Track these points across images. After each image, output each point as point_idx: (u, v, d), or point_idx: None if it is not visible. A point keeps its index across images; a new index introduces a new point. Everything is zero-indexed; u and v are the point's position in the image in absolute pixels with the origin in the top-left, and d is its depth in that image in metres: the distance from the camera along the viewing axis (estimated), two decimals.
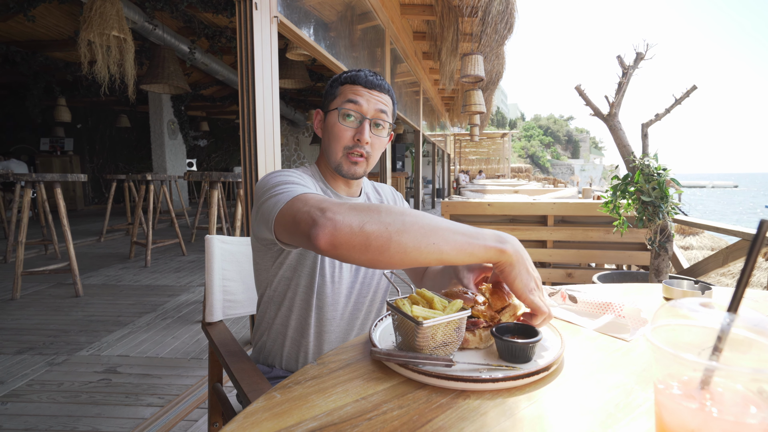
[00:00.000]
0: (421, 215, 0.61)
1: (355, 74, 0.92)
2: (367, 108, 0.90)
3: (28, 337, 2.47)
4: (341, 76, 0.94)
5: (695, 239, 5.92)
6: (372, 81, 0.92)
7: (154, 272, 4.05)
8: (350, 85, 0.91)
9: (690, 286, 0.89)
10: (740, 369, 0.34)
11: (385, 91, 0.93)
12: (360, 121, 0.91)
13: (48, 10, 4.80)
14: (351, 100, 0.89)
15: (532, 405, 0.49)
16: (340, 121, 0.90)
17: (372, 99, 0.91)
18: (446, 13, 4.18)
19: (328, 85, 0.96)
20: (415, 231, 0.59)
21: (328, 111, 0.93)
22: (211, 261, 1.07)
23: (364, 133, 0.89)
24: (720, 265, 2.37)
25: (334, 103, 0.92)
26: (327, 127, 0.93)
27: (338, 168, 0.93)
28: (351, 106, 0.89)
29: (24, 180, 3.15)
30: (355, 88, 0.91)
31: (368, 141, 0.90)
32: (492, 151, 17.37)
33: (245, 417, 0.47)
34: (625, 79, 2.18)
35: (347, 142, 0.91)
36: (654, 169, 1.89)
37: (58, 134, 9.48)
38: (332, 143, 0.92)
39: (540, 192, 4.65)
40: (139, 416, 1.67)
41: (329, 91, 0.95)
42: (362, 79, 0.91)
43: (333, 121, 0.91)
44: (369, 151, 0.92)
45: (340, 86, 0.92)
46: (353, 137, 0.90)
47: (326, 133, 0.94)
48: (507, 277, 0.62)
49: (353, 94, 0.90)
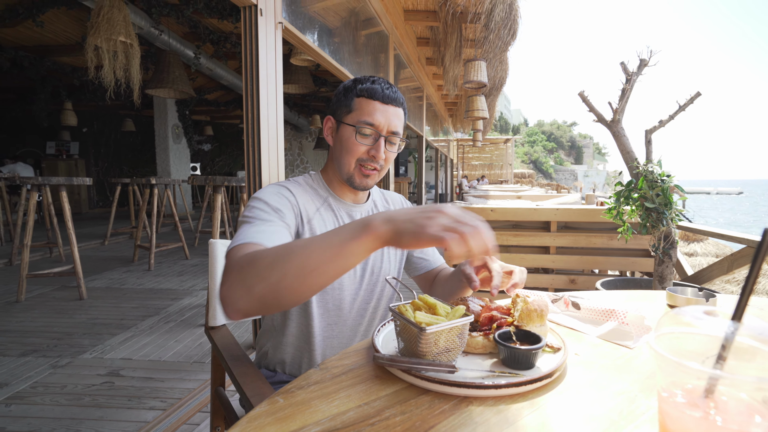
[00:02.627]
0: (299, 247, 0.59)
1: (371, 87, 0.90)
2: (384, 125, 0.90)
3: (32, 340, 2.48)
4: (357, 87, 0.91)
5: (700, 246, 5.88)
6: (389, 96, 0.91)
7: (157, 276, 4.07)
8: (366, 99, 0.90)
9: (694, 294, 0.89)
10: (745, 378, 0.34)
11: (400, 105, 0.93)
12: (376, 138, 0.90)
13: (56, 16, 4.86)
14: (368, 122, 0.89)
15: (535, 412, 0.49)
16: (357, 139, 0.90)
17: (388, 115, 0.90)
18: (450, 20, 4.20)
19: (341, 91, 0.94)
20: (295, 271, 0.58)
21: (342, 123, 0.92)
22: (214, 265, 1.07)
23: (379, 150, 0.90)
24: (725, 272, 2.35)
25: (350, 118, 0.91)
26: (340, 138, 0.92)
27: (350, 179, 0.93)
28: (368, 127, 0.89)
29: (30, 183, 3.17)
30: (372, 105, 0.89)
31: (383, 157, 0.91)
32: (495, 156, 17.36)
33: (248, 421, 0.47)
34: (629, 86, 2.19)
35: (361, 155, 0.91)
36: (658, 176, 1.88)
37: (64, 138, 9.56)
38: (345, 155, 0.91)
39: (543, 198, 4.64)
40: (142, 419, 1.67)
41: (343, 100, 0.93)
42: (379, 94, 0.90)
43: (347, 135, 0.91)
44: (382, 165, 0.93)
45: (356, 98, 0.91)
46: (368, 152, 0.91)
47: (339, 144, 0.93)
48: (410, 246, 0.54)
49: (370, 113, 0.89)
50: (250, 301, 0.60)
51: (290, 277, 0.58)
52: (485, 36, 3.85)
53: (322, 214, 0.94)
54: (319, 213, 0.93)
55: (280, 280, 0.58)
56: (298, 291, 0.59)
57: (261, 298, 0.60)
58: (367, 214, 1.00)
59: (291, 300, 0.61)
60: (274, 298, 0.60)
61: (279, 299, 0.60)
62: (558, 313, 0.81)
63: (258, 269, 0.60)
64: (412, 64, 5.60)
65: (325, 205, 0.95)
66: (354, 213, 0.98)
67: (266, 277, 0.59)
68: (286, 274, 0.58)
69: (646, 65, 2.15)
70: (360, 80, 0.92)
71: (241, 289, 0.61)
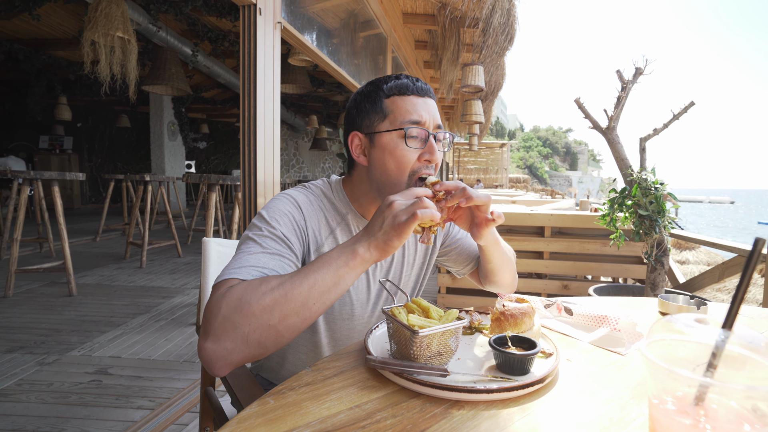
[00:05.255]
0: (297, 284, 0.59)
1: (401, 83, 0.79)
2: (429, 120, 0.78)
3: (19, 336, 2.45)
4: (383, 87, 0.79)
5: (691, 254, 5.95)
6: (422, 87, 0.79)
7: (149, 273, 4.03)
8: (399, 96, 0.78)
9: (686, 301, 0.90)
10: (734, 386, 0.34)
11: (433, 96, 0.82)
12: (424, 139, 0.78)
13: (53, 10, 4.82)
14: (413, 120, 0.76)
15: (526, 417, 0.49)
16: (408, 144, 0.76)
17: (428, 107, 0.79)
18: (448, 24, 4.22)
19: (362, 99, 0.81)
20: (296, 309, 0.58)
21: (378, 133, 0.78)
22: (207, 263, 1.06)
23: (434, 152, 0.77)
24: (716, 281, 2.38)
25: (387, 123, 0.78)
26: (382, 151, 0.78)
27: None
28: (415, 126, 0.76)
29: (22, 177, 3.14)
30: (408, 100, 0.78)
31: (438, 159, 0.79)
32: (491, 161, 17.44)
33: (238, 422, 0.47)
34: (624, 93, 2.21)
35: (414, 166, 0.77)
36: (651, 183, 1.90)
37: (57, 132, 9.46)
38: (395, 171, 0.77)
39: (538, 203, 4.67)
40: (129, 419, 1.65)
41: (368, 108, 0.80)
42: (411, 87, 0.78)
43: (392, 145, 0.77)
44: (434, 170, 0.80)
45: (386, 99, 0.79)
46: (421, 158, 0.78)
47: (380, 159, 0.78)
48: (397, 246, 0.62)
49: (412, 109, 0.77)
50: (246, 350, 0.57)
51: (292, 316, 0.58)
52: (483, 41, 3.87)
53: (337, 236, 0.83)
54: (333, 236, 0.83)
55: (280, 322, 0.58)
56: (300, 328, 0.60)
57: (260, 344, 0.57)
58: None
59: (292, 337, 0.60)
60: (274, 339, 0.58)
61: (279, 339, 0.59)
62: (550, 318, 0.82)
63: (253, 314, 0.57)
64: (410, 67, 5.62)
65: (342, 224, 0.84)
66: None
67: (264, 322, 0.57)
68: (286, 315, 0.58)
69: (641, 74, 2.18)
70: (382, 80, 0.80)
71: (234, 339, 0.56)
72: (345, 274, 0.61)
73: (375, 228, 0.63)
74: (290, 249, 0.73)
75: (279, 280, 0.60)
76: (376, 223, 0.63)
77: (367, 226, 0.65)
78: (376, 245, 0.62)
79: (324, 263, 0.61)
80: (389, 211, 0.62)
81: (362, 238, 0.63)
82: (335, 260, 0.61)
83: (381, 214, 0.63)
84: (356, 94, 0.84)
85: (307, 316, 0.60)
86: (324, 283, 0.60)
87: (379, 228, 0.62)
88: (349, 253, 0.62)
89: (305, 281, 0.59)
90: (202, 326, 0.59)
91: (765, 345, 0.37)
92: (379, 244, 0.62)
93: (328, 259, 0.62)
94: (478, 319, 0.74)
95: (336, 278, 0.61)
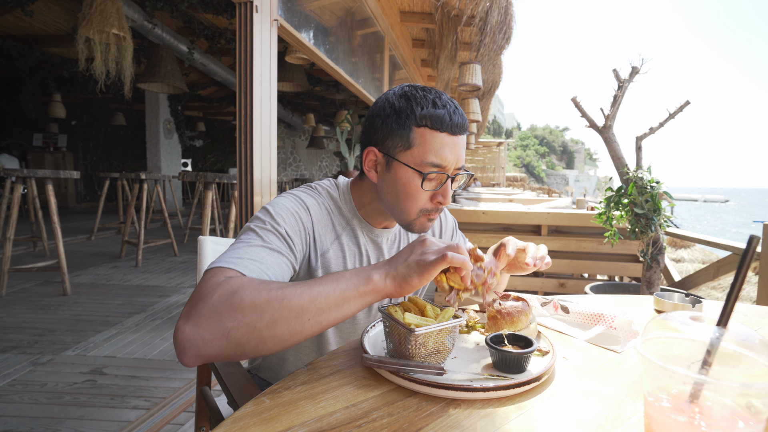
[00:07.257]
0: (296, 294, 0.55)
1: (436, 114, 0.71)
2: (452, 163, 0.74)
3: (12, 336, 2.43)
4: (416, 112, 0.72)
5: (687, 252, 5.99)
6: (458, 123, 0.73)
7: (144, 272, 4.01)
8: (431, 131, 0.72)
9: (681, 299, 0.90)
10: (729, 383, 0.34)
11: (467, 131, 0.76)
12: (442, 182, 0.75)
13: (46, 6, 4.78)
14: (435, 164, 0.72)
15: (523, 415, 0.49)
16: (424, 186, 0.73)
17: (457, 149, 0.74)
18: (445, 22, 4.22)
19: (390, 114, 0.74)
20: (286, 318, 0.54)
21: (397, 161, 0.74)
22: (203, 262, 1.06)
23: (447, 195, 0.75)
24: (711, 279, 2.40)
25: (409, 156, 0.73)
26: (395, 182, 0.75)
27: (409, 226, 0.79)
28: (437, 170, 0.72)
29: (15, 176, 3.11)
30: (439, 139, 0.72)
31: (449, 202, 0.77)
32: (488, 159, 17.46)
33: (233, 422, 0.47)
34: (621, 92, 2.21)
35: (425, 204, 0.76)
36: (647, 182, 1.91)
37: (51, 130, 9.38)
38: (405, 204, 0.76)
39: (534, 201, 4.68)
40: (124, 419, 1.64)
41: (394, 129, 0.73)
42: (447, 124, 0.71)
43: (407, 180, 0.73)
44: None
45: (416, 128, 0.72)
46: (433, 198, 0.76)
47: (392, 188, 0.76)
48: (417, 286, 0.59)
49: (438, 151, 0.72)
50: (223, 345, 0.53)
51: (281, 323, 0.54)
52: (480, 39, 3.87)
53: (341, 243, 0.81)
54: (338, 242, 0.81)
55: (267, 327, 0.53)
56: (286, 341, 0.55)
57: (239, 344, 0.53)
58: (392, 242, 0.89)
59: (273, 349, 0.55)
60: (255, 344, 0.53)
61: (260, 346, 0.54)
62: (547, 316, 0.82)
63: (242, 310, 0.53)
64: (407, 66, 5.61)
65: (347, 230, 0.82)
66: (379, 239, 0.86)
67: (251, 321, 0.53)
68: (276, 321, 0.53)
69: (638, 73, 2.18)
70: (418, 100, 0.73)
71: (214, 331, 0.52)
72: (351, 299, 0.57)
73: (399, 260, 0.60)
74: (291, 248, 0.71)
75: (281, 284, 0.57)
76: (402, 255, 0.60)
77: (393, 256, 0.62)
78: (393, 277, 0.58)
79: (333, 280, 0.58)
80: (420, 247, 0.59)
81: (382, 266, 0.60)
82: (346, 280, 0.58)
83: (410, 248, 0.60)
84: (385, 102, 0.76)
85: (297, 329, 0.55)
86: (326, 300, 0.56)
87: (403, 261, 0.59)
88: (363, 277, 0.58)
89: (307, 292, 0.56)
90: (186, 307, 0.56)
91: (759, 342, 0.37)
92: (397, 278, 0.58)
93: (339, 278, 0.58)
94: (475, 318, 0.74)
95: (341, 300, 0.56)
